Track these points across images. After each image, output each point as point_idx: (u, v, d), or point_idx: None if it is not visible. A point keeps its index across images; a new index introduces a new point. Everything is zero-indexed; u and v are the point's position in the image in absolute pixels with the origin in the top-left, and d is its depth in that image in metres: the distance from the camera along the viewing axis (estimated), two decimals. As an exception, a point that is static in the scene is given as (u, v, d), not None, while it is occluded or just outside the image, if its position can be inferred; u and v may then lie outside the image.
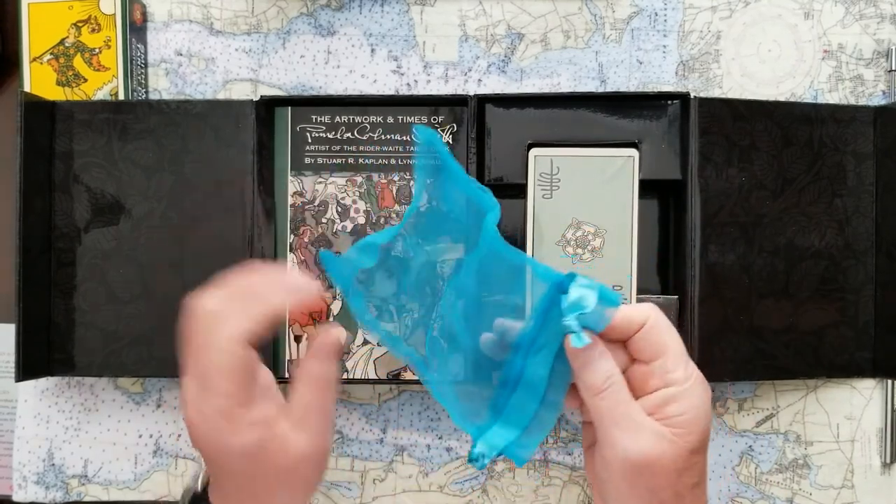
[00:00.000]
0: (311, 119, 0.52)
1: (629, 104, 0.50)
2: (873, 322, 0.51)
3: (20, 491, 0.55)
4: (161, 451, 0.55)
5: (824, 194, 0.50)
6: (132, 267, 0.51)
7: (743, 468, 0.53)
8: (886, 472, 0.53)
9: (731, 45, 0.54)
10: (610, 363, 0.33)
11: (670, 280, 0.51)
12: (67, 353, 0.51)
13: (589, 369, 0.33)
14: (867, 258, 0.51)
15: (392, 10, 0.55)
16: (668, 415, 0.33)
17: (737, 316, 0.49)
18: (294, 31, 0.55)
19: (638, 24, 0.54)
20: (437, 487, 0.54)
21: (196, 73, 0.56)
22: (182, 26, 0.56)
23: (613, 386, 0.33)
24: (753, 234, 0.49)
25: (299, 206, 0.52)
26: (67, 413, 0.55)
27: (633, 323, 0.34)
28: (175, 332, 0.34)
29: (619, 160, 0.49)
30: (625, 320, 0.34)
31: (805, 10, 0.54)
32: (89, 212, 0.52)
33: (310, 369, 0.35)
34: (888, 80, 0.53)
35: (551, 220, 0.49)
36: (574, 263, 0.49)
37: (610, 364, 0.33)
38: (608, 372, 0.33)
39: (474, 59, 0.55)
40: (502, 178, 0.50)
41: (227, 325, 0.32)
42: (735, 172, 0.49)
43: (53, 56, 0.54)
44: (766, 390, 0.53)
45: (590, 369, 0.33)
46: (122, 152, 0.51)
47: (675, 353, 0.33)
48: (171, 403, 0.55)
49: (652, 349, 0.34)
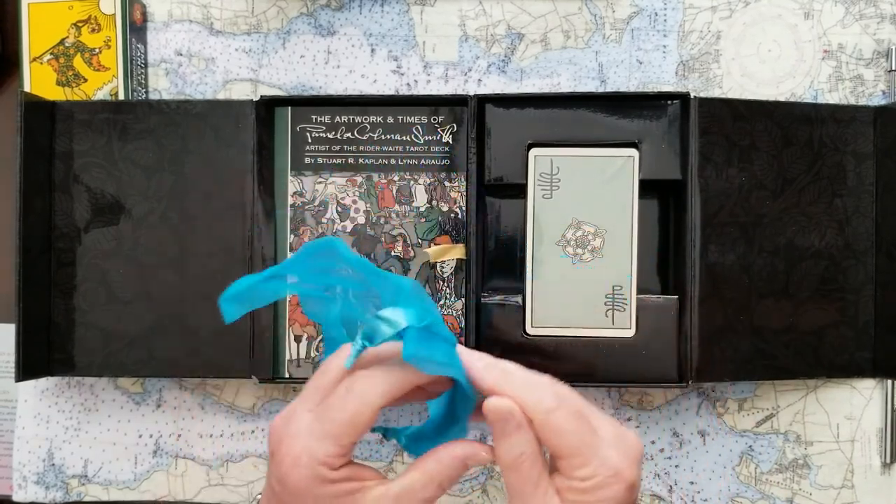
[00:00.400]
0: (311, 119, 0.52)
1: (629, 104, 0.50)
2: (873, 322, 0.51)
3: (20, 491, 0.55)
4: (161, 451, 0.55)
5: (824, 194, 0.50)
6: (132, 267, 0.51)
7: (743, 468, 0.53)
8: (886, 472, 0.53)
9: (731, 45, 0.54)
10: (523, 439, 0.32)
11: (670, 280, 0.51)
12: (67, 353, 0.51)
13: (502, 442, 0.32)
14: (867, 258, 0.51)
15: (392, 10, 0.55)
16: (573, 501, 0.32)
17: (737, 316, 0.49)
18: (294, 31, 0.55)
19: (638, 24, 0.54)
20: (437, 487, 0.54)
21: (196, 73, 0.56)
22: (182, 26, 0.56)
23: (524, 465, 0.32)
24: (753, 234, 0.49)
25: (299, 206, 0.52)
26: (67, 413, 0.55)
27: (523, 411, 0.32)
28: (175, 332, 0.34)
29: (619, 160, 0.49)
30: (517, 407, 0.32)
31: (805, 10, 0.54)
32: (89, 212, 0.52)
33: (446, 470, 0.33)
34: (888, 80, 0.53)
35: (551, 220, 0.49)
36: (574, 263, 0.49)
37: (523, 441, 0.32)
38: (521, 449, 0.32)
39: (474, 59, 0.55)
40: (502, 178, 0.50)
41: (376, 382, 0.33)
42: (735, 172, 0.49)
43: (53, 56, 0.54)
44: (766, 390, 0.53)
45: (503, 443, 0.32)
46: (122, 152, 0.51)
47: (571, 454, 0.32)
48: (170, 403, 0.55)
49: (546, 446, 0.32)
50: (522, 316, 0.49)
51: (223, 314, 0.34)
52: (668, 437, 0.53)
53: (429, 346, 0.32)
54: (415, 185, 0.52)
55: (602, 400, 0.54)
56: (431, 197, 0.51)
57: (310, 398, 0.34)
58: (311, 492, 0.32)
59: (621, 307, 0.49)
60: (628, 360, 0.49)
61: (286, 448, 0.33)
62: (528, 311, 0.49)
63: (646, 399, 0.53)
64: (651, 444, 0.53)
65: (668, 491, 0.53)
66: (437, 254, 0.51)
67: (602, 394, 0.54)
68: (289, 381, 0.51)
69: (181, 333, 0.51)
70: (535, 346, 0.49)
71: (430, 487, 0.33)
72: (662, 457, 0.53)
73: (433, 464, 0.33)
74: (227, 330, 0.50)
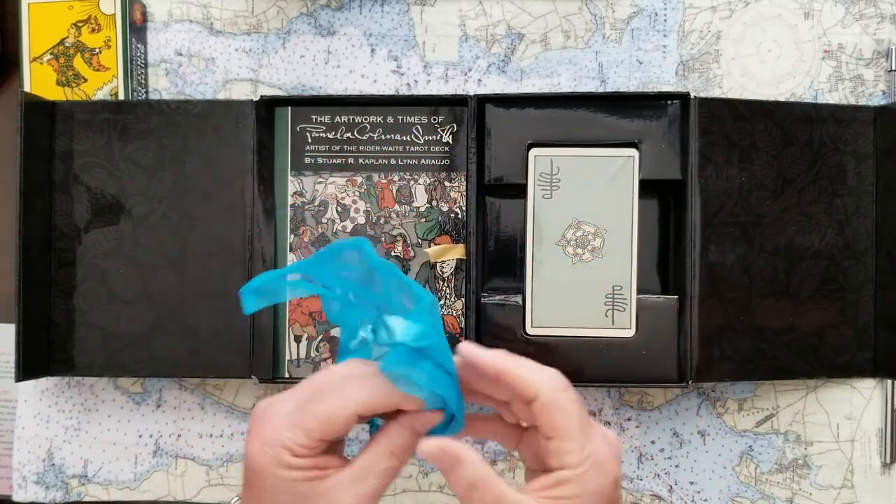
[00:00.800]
0: (311, 119, 0.52)
1: (629, 104, 0.50)
2: (873, 322, 0.51)
3: (20, 491, 0.55)
4: (161, 451, 0.55)
5: (824, 194, 0.50)
6: (132, 267, 0.51)
7: (743, 468, 0.53)
8: (886, 472, 0.53)
9: (731, 45, 0.54)
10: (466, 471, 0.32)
11: (670, 280, 0.51)
12: (67, 353, 0.51)
13: (449, 478, 0.33)
14: (867, 258, 0.51)
15: (392, 10, 0.55)
16: (555, 496, 0.32)
17: (737, 316, 0.49)
18: (294, 31, 0.55)
19: (638, 24, 0.54)
20: (438, 487, 0.54)
21: (196, 73, 0.56)
22: (182, 26, 0.56)
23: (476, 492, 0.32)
24: (753, 234, 0.49)
25: (299, 206, 0.52)
26: (67, 413, 0.55)
27: (523, 391, 0.33)
28: (175, 332, 0.34)
29: (619, 160, 0.49)
30: (516, 385, 0.33)
31: (805, 10, 0.54)
32: (89, 212, 0.52)
33: (395, 439, 0.34)
34: (888, 80, 0.53)
35: (551, 220, 0.49)
36: (574, 263, 0.49)
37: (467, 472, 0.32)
38: (467, 480, 0.32)
39: (474, 59, 0.55)
40: (502, 178, 0.50)
41: (361, 390, 0.33)
42: (735, 172, 0.49)
43: (53, 56, 0.54)
44: (766, 390, 0.53)
45: (450, 478, 0.33)
46: (123, 152, 0.51)
47: (569, 437, 0.32)
48: (170, 403, 0.55)
49: (545, 428, 0.33)
50: (522, 316, 0.49)
51: (242, 305, 0.34)
52: (668, 437, 0.53)
53: (411, 366, 0.33)
54: (415, 185, 0.52)
55: (602, 400, 0.54)
56: (431, 197, 0.51)
57: (300, 390, 0.34)
58: (269, 472, 0.32)
59: (621, 307, 0.49)
60: (628, 360, 0.49)
61: (260, 429, 0.33)
62: (528, 311, 0.49)
63: (646, 399, 0.53)
64: (651, 443, 0.53)
65: (668, 491, 0.53)
66: (437, 254, 0.51)
67: (602, 394, 0.54)
68: (289, 381, 0.51)
69: (181, 333, 0.51)
70: (536, 346, 0.49)
71: (384, 459, 0.34)
72: (662, 457, 0.53)
73: (383, 437, 0.34)
74: (227, 330, 0.50)
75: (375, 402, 0.33)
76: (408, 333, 0.33)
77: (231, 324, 0.50)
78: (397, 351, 0.33)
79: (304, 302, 0.51)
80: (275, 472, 0.32)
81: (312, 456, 0.33)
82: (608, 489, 0.33)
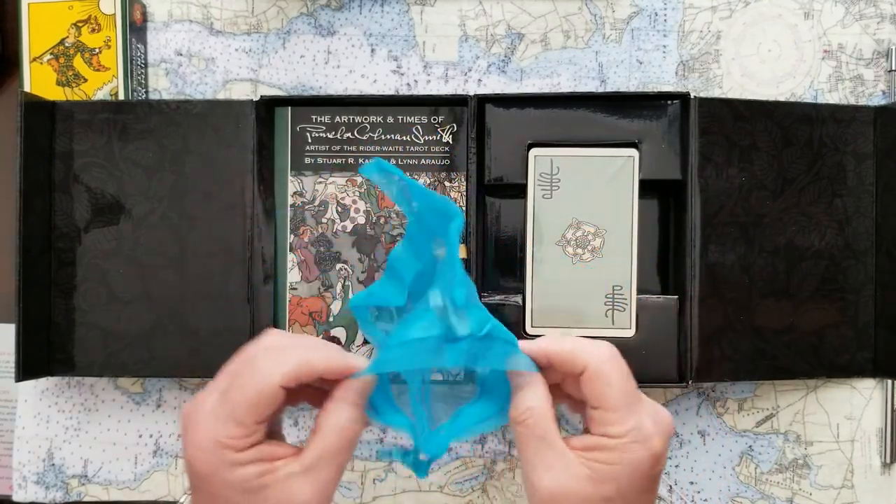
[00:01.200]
0: (311, 119, 0.52)
1: (629, 104, 0.50)
2: (873, 322, 0.51)
3: (20, 491, 0.55)
4: (161, 451, 0.55)
5: (824, 194, 0.50)
6: (132, 267, 0.51)
7: (743, 468, 0.53)
8: (886, 472, 0.53)
9: (731, 45, 0.54)
10: (534, 395, 0.34)
11: (670, 280, 0.51)
12: (67, 353, 0.51)
13: (514, 397, 0.34)
14: (867, 258, 0.51)
15: (392, 10, 0.55)
16: (594, 459, 0.33)
17: (737, 316, 0.49)
18: (294, 31, 0.55)
19: (638, 24, 0.54)
20: (437, 487, 0.54)
21: (196, 73, 0.56)
22: (182, 26, 0.56)
23: (531, 419, 0.33)
24: (753, 234, 0.49)
25: (299, 206, 0.52)
26: (67, 413, 0.55)
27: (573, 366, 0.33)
28: (175, 332, 0.34)
29: (619, 160, 0.49)
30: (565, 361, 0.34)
31: (805, 10, 0.54)
32: (89, 212, 0.52)
33: (335, 419, 0.33)
34: (888, 80, 0.53)
35: (551, 220, 0.49)
36: (574, 263, 0.49)
37: (534, 396, 0.34)
38: (529, 404, 0.33)
39: (474, 59, 0.55)
40: (502, 178, 0.50)
41: (277, 361, 0.32)
42: (735, 172, 0.49)
43: (53, 56, 0.54)
44: (766, 390, 0.53)
45: (515, 398, 0.34)
46: (123, 152, 0.51)
47: (613, 407, 0.33)
48: (171, 403, 0.55)
49: (591, 398, 0.33)
50: (522, 316, 0.49)
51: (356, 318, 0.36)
52: (668, 437, 0.53)
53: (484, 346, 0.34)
54: (415, 185, 0.52)
55: (602, 400, 0.54)
56: (431, 197, 0.51)
57: (220, 379, 0.33)
58: (219, 477, 0.31)
59: (621, 307, 0.49)
60: (628, 360, 0.48)
61: (191, 433, 0.32)
62: (528, 311, 0.49)
63: (646, 399, 0.53)
64: (651, 444, 0.53)
65: (668, 491, 0.53)
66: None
67: (602, 394, 0.54)
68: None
69: (181, 333, 0.51)
70: (535, 346, 0.49)
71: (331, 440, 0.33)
72: (662, 457, 0.53)
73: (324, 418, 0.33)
74: (227, 330, 0.50)
75: (301, 371, 0.32)
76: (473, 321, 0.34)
77: (231, 324, 0.50)
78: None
79: (305, 302, 0.52)
80: (223, 477, 0.31)
81: (254, 445, 0.32)
82: (646, 464, 0.33)
